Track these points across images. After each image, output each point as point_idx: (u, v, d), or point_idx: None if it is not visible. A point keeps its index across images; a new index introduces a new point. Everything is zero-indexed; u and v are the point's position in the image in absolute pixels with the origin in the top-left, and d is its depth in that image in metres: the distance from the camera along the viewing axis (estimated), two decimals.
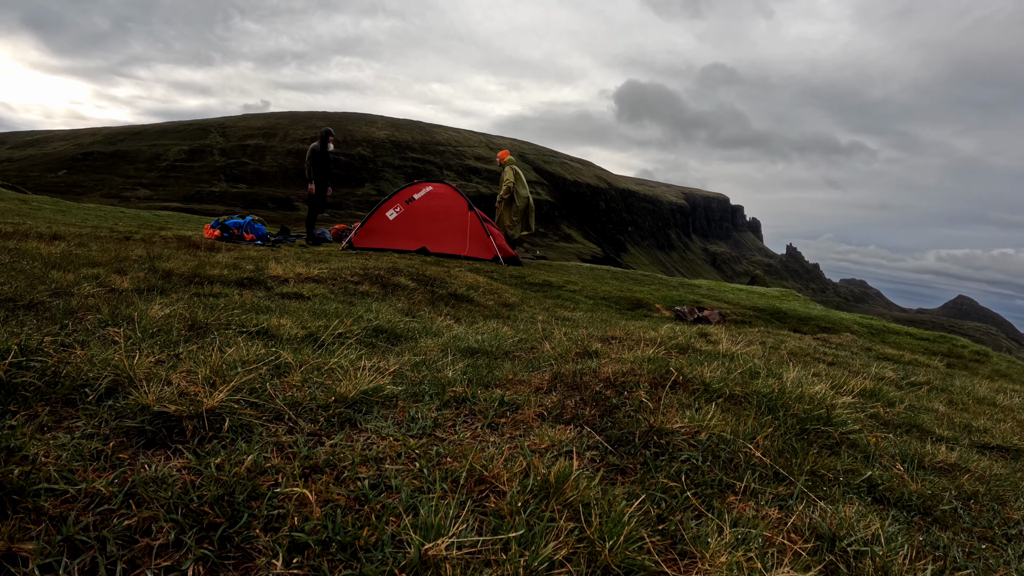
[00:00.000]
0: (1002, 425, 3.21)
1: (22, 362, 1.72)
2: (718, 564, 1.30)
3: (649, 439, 1.88)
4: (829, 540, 1.47)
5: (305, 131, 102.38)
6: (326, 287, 4.97)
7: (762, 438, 1.97)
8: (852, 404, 2.54)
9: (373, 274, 5.89)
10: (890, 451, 2.23)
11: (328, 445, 1.58)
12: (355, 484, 1.40)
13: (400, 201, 11.02)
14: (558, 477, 1.49)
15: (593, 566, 1.25)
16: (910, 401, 3.30)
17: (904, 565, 1.41)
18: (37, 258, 4.13)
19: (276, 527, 1.21)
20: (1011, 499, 2.01)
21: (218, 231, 10.20)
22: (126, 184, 76.64)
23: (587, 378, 2.38)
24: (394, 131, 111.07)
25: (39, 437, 1.40)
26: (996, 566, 1.56)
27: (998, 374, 7.56)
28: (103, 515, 1.17)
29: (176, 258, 5.04)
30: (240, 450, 1.46)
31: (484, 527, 1.31)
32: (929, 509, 1.82)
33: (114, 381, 1.72)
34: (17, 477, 1.19)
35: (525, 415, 2.00)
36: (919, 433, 2.66)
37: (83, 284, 3.36)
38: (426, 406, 1.96)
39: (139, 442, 1.47)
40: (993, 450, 2.73)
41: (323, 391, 1.90)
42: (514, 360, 2.83)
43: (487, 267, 9.82)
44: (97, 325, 2.40)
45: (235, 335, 2.54)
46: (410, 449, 1.61)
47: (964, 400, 3.96)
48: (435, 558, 1.15)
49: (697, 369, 2.57)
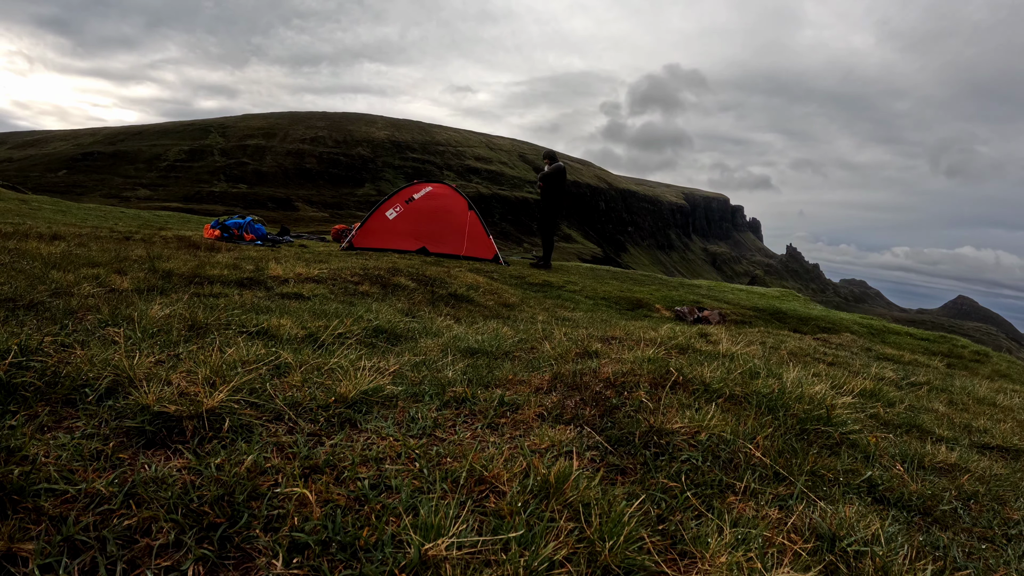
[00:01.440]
0: (1002, 425, 3.21)
1: (22, 362, 1.72)
2: (718, 564, 1.30)
3: (649, 439, 1.88)
4: (829, 540, 1.47)
5: (305, 131, 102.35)
6: (326, 287, 4.97)
7: (762, 438, 1.97)
8: (852, 404, 2.54)
9: (373, 274, 5.89)
10: (890, 451, 2.23)
11: (328, 445, 1.58)
12: (355, 484, 1.40)
13: (400, 201, 11.03)
14: (558, 477, 1.49)
15: (593, 566, 1.25)
16: (910, 401, 3.30)
17: (904, 565, 1.41)
18: (37, 258, 4.12)
19: (276, 527, 1.21)
20: (1011, 499, 2.01)
21: (218, 231, 10.19)
22: (126, 184, 76.65)
23: (587, 378, 2.38)
24: (394, 131, 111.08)
25: (39, 437, 1.40)
26: (996, 566, 1.56)
27: (998, 374, 7.56)
28: (103, 515, 1.17)
29: (176, 258, 5.04)
30: (240, 450, 1.46)
31: (484, 527, 1.31)
32: (929, 509, 1.82)
33: (114, 381, 1.72)
34: (17, 477, 1.19)
35: (525, 415, 2.00)
36: (919, 433, 2.66)
37: (83, 284, 3.36)
38: (426, 406, 1.96)
39: (139, 442, 1.47)
40: (993, 450, 2.73)
41: (323, 391, 1.90)
42: (514, 360, 2.83)
43: (487, 267, 9.82)
44: (97, 325, 2.40)
45: (235, 335, 2.54)
46: (410, 449, 1.61)
47: (964, 400, 3.96)
48: (435, 558, 1.15)
49: (697, 369, 2.57)
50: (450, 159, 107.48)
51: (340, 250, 9.93)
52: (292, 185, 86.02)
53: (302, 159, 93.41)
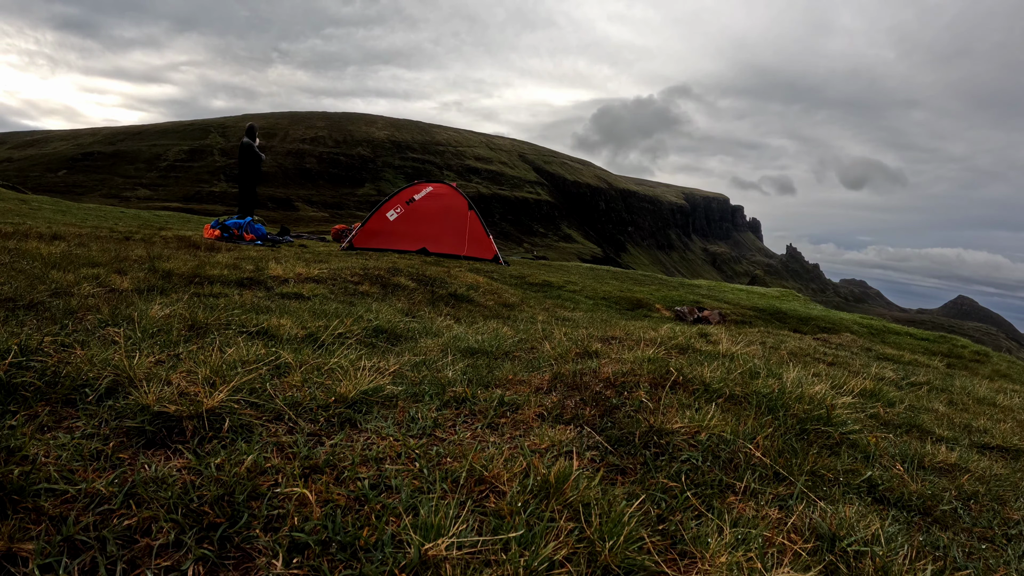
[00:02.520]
0: (1002, 425, 3.21)
1: (22, 362, 1.72)
2: (718, 564, 1.30)
3: (649, 439, 1.88)
4: (829, 540, 1.47)
5: (305, 131, 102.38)
6: (326, 287, 4.97)
7: (762, 438, 1.97)
8: (852, 404, 2.54)
9: (373, 274, 5.89)
10: (890, 451, 2.23)
11: (328, 445, 1.58)
12: (355, 484, 1.40)
13: (400, 202, 11.03)
14: (558, 477, 1.49)
15: (593, 566, 1.25)
16: (910, 401, 3.30)
17: (904, 565, 1.41)
18: (37, 258, 4.12)
19: (276, 527, 1.21)
20: (1011, 499, 2.01)
21: (218, 231, 10.19)
22: (126, 184, 76.66)
23: (587, 378, 2.38)
24: (394, 131, 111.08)
25: (39, 437, 1.40)
26: (996, 566, 1.56)
27: (998, 374, 7.56)
28: (103, 515, 1.17)
29: (176, 258, 5.04)
30: (240, 450, 1.46)
31: (484, 527, 1.31)
32: (929, 509, 1.82)
33: (114, 381, 1.72)
34: (17, 477, 1.19)
35: (525, 415, 2.00)
36: (919, 433, 2.66)
37: (83, 284, 3.36)
38: (426, 406, 1.96)
39: (139, 442, 1.47)
40: (993, 450, 2.73)
41: (323, 391, 1.90)
42: (514, 360, 2.83)
43: (487, 267, 9.82)
44: (97, 325, 2.40)
45: (235, 335, 2.54)
46: (410, 449, 1.61)
47: (964, 400, 3.95)
48: (435, 558, 1.15)
49: (697, 369, 2.57)
50: (450, 159, 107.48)
51: (340, 250, 9.93)
52: (292, 185, 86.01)
53: (302, 159, 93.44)
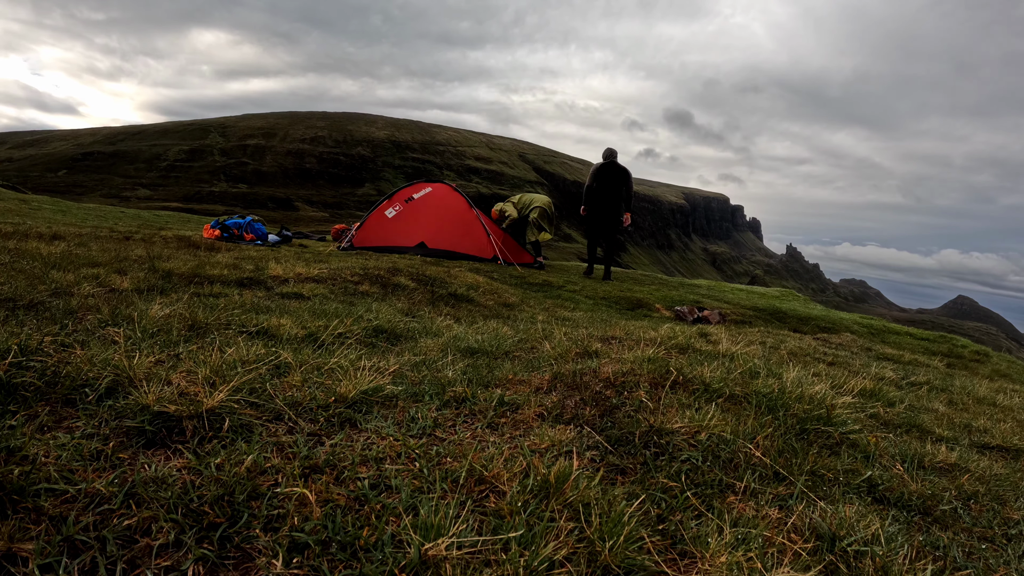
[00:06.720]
0: (1002, 425, 3.21)
1: (22, 362, 1.72)
2: (718, 564, 1.30)
3: (649, 439, 1.88)
4: (829, 540, 1.47)
5: (305, 131, 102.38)
6: (326, 287, 4.97)
7: (762, 438, 1.97)
8: (852, 404, 2.54)
9: (373, 274, 5.88)
10: (890, 451, 2.23)
11: (328, 445, 1.58)
12: (355, 484, 1.40)
13: (399, 200, 11.02)
14: (558, 477, 1.49)
15: (593, 566, 1.25)
16: (910, 401, 3.30)
17: (904, 565, 1.41)
18: (37, 258, 4.12)
19: (276, 527, 1.21)
20: (1011, 499, 2.01)
21: (218, 231, 10.19)
22: (126, 184, 76.69)
23: (587, 378, 2.38)
24: (394, 131, 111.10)
25: (39, 437, 1.40)
26: (996, 566, 1.56)
27: (998, 374, 7.55)
28: (103, 515, 1.17)
29: (176, 258, 5.04)
30: (240, 450, 1.46)
31: (484, 527, 1.31)
32: (929, 509, 1.82)
33: (114, 381, 1.72)
34: (17, 477, 1.19)
35: (525, 415, 2.00)
36: (919, 433, 2.66)
37: (83, 284, 3.36)
38: (426, 406, 1.96)
39: (139, 442, 1.47)
40: (993, 450, 2.73)
41: (323, 391, 1.90)
42: (514, 360, 2.83)
43: (487, 267, 9.82)
44: (97, 325, 2.40)
45: (235, 335, 2.54)
46: (410, 449, 1.61)
47: (964, 400, 3.95)
48: (435, 558, 1.15)
49: (697, 369, 2.57)
50: (450, 159, 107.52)
51: (340, 249, 9.92)
52: (292, 185, 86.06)
53: (302, 159, 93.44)
